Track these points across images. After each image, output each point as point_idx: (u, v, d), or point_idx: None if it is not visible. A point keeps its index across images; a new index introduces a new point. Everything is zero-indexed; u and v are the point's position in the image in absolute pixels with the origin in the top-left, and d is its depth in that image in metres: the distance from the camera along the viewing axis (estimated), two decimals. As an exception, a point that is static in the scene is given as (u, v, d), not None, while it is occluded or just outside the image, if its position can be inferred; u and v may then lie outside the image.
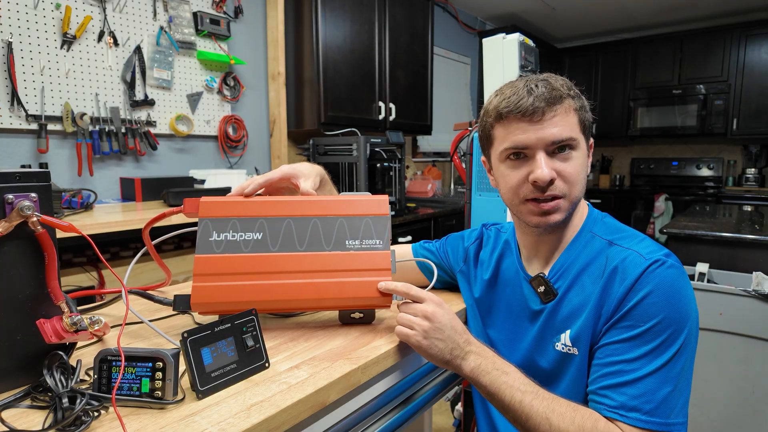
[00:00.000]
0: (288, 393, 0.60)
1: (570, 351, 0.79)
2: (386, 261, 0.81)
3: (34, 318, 0.60)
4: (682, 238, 2.10)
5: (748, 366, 1.70)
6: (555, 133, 0.75)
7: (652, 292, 0.71)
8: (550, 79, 0.79)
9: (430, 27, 3.52)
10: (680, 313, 0.70)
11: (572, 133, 0.76)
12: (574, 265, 0.82)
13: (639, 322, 0.70)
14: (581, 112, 0.79)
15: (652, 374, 0.68)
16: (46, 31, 1.94)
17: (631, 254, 0.75)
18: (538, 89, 0.76)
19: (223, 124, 2.62)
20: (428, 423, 1.44)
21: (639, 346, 0.70)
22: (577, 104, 0.78)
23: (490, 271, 0.95)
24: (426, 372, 0.88)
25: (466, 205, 1.43)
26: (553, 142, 0.75)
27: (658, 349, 0.69)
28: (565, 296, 0.81)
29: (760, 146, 4.62)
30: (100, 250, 0.66)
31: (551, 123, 0.75)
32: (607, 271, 0.76)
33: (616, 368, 0.70)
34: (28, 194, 0.59)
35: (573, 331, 0.78)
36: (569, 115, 0.76)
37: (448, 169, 4.40)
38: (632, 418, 0.67)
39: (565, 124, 0.76)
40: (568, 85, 0.80)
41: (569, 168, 0.76)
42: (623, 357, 0.70)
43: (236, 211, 0.81)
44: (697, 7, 4.44)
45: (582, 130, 0.79)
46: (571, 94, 0.78)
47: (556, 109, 0.75)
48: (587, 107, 0.82)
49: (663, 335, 0.69)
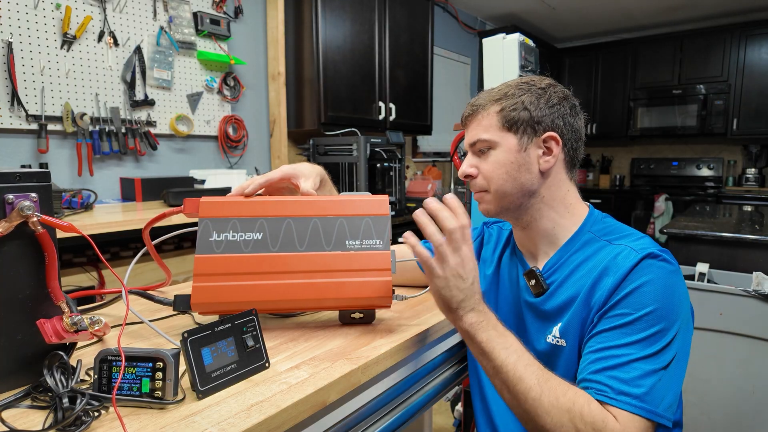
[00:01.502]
0: (288, 393, 0.60)
1: (559, 343, 0.81)
2: (386, 261, 0.80)
3: (34, 318, 0.60)
4: (682, 238, 2.10)
5: (748, 366, 1.70)
6: (471, 136, 0.87)
7: (646, 283, 0.71)
8: (491, 89, 0.89)
9: (430, 27, 3.52)
10: (673, 307, 0.71)
11: (484, 135, 0.85)
12: (570, 261, 0.83)
13: (631, 310, 0.71)
14: (508, 112, 0.83)
15: (641, 360, 0.68)
16: (46, 31, 1.94)
17: (624, 249, 0.77)
18: (472, 99, 0.89)
19: (223, 124, 2.62)
20: (428, 423, 1.44)
21: (630, 334, 0.70)
22: (499, 107, 0.84)
23: (493, 267, 0.97)
24: (426, 372, 0.88)
25: (466, 205, 1.43)
26: (471, 145, 0.88)
27: (648, 339, 0.69)
28: (557, 290, 0.83)
29: (760, 146, 4.62)
30: (100, 250, 0.66)
31: (470, 129, 0.88)
32: (599, 267, 0.78)
33: (607, 353, 0.70)
34: (29, 194, 0.59)
35: (563, 323, 0.80)
36: (486, 119, 0.85)
37: (448, 169, 4.40)
38: (622, 401, 0.66)
39: (479, 129, 0.86)
40: (503, 90, 0.85)
41: (485, 165, 0.86)
42: (614, 343, 0.70)
43: (236, 211, 0.80)
44: (698, 7, 4.44)
45: (506, 129, 0.83)
46: (496, 98, 0.85)
47: (474, 116, 0.87)
48: (530, 103, 0.83)
49: (655, 326, 0.69)
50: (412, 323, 0.85)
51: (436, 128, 3.93)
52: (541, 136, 0.83)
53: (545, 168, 0.83)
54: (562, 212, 0.86)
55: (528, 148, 0.83)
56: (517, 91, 0.84)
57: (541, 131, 0.83)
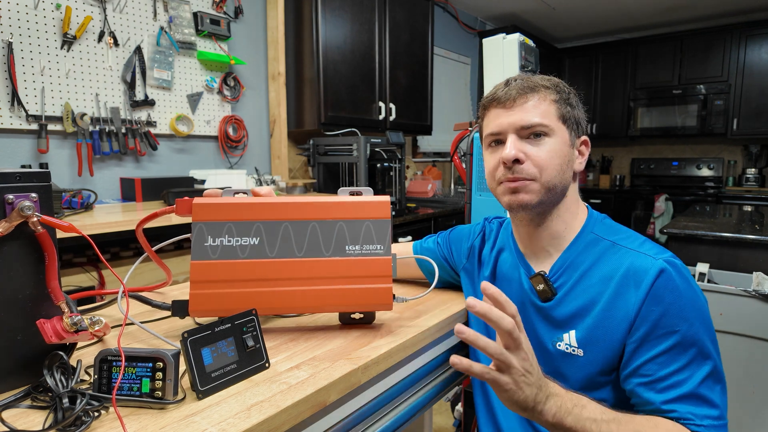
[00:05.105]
0: (288, 393, 0.60)
1: (574, 352, 0.79)
2: (387, 267, 0.78)
3: (34, 318, 0.60)
4: (683, 238, 2.10)
5: (749, 366, 1.70)
6: (524, 117, 0.79)
7: (678, 296, 0.72)
8: (534, 76, 0.84)
9: (430, 27, 3.52)
10: (703, 311, 0.73)
11: (543, 120, 0.79)
12: (577, 264, 0.82)
13: (673, 328, 0.71)
14: (561, 104, 0.81)
15: (706, 379, 0.70)
16: (46, 32, 1.94)
17: (638, 256, 0.76)
18: (516, 81, 0.82)
19: (223, 125, 2.62)
20: (428, 423, 1.44)
21: (682, 353, 0.70)
22: (555, 96, 0.81)
23: (490, 267, 0.95)
24: (426, 372, 0.88)
25: (466, 205, 1.43)
26: (523, 127, 0.79)
27: (701, 353, 0.71)
28: (568, 295, 0.81)
29: (760, 146, 4.61)
30: (101, 250, 0.66)
31: (522, 109, 0.80)
32: (617, 276, 0.76)
33: (672, 380, 0.70)
34: (29, 194, 0.59)
35: (580, 332, 0.78)
36: (543, 103, 0.80)
37: (448, 169, 4.40)
38: (708, 426, 0.68)
39: (536, 111, 0.79)
40: (553, 81, 0.83)
41: (539, 152, 0.79)
42: (672, 368, 0.70)
43: (231, 214, 0.77)
44: (698, 7, 4.44)
45: (561, 121, 0.81)
46: (547, 86, 0.81)
47: (528, 97, 0.80)
48: (574, 103, 0.83)
49: (698, 336, 0.71)
50: (412, 324, 0.85)
51: (436, 128, 3.93)
52: (580, 137, 0.84)
53: (578, 170, 0.84)
54: (573, 214, 0.85)
55: (573, 145, 0.83)
56: (562, 86, 0.83)
57: (581, 132, 0.84)
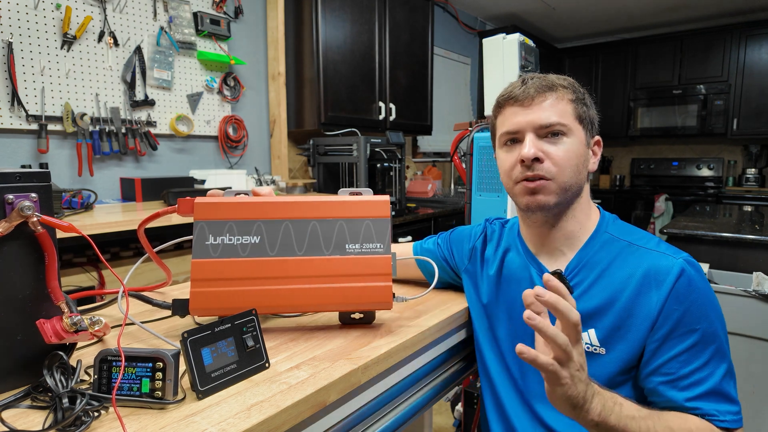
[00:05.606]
0: (288, 393, 0.60)
1: (596, 351, 0.79)
2: (387, 266, 0.79)
3: (34, 318, 0.60)
4: (683, 238, 2.10)
5: (749, 366, 1.70)
6: (543, 116, 0.79)
7: (698, 295, 0.74)
8: (549, 75, 0.83)
9: (430, 27, 3.52)
10: (717, 309, 0.76)
11: (562, 119, 0.79)
12: (594, 263, 0.82)
13: (693, 327, 0.74)
14: (578, 104, 0.82)
15: (725, 377, 0.73)
16: (46, 32, 1.94)
17: (658, 256, 0.78)
18: (533, 80, 0.82)
19: (223, 125, 2.62)
20: (428, 423, 1.44)
21: (703, 351, 0.73)
22: (572, 96, 0.82)
23: (495, 267, 0.94)
24: (426, 372, 0.88)
25: (466, 205, 1.43)
26: (542, 126, 0.79)
27: (720, 351, 0.74)
28: (586, 294, 0.81)
29: (760, 146, 4.62)
30: (101, 250, 0.66)
31: (540, 108, 0.80)
32: (637, 275, 0.78)
33: (694, 378, 0.73)
34: (29, 194, 0.59)
35: (600, 330, 0.79)
36: (561, 102, 0.80)
37: (448, 169, 4.40)
38: (730, 421, 0.71)
39: (554, 110, 0.79)
40: (569, 81, 0.84)
41: (558, 151, 0.79)
42: (693, 366, 0.73)
43: (232, 213, 0.78)
44: (698, 7, 4.44)
45: (578, 121, 0.81)
46: (564, 85, 0.82)
47: (547, 96, 0.80)
48: (589, 103, 0.84)
49: (715, 333, 0.74)
50: (412, 323, 0.85)
51: (436, 128, 3.93)
52: (594, 137, 0.85)
53: (592, 170, 0.85)
54: (586, 213, 0.86)
55: (588, 145, 0.84)
56: (578, 86, 0.84)
57: (595, 132, 0.85)
